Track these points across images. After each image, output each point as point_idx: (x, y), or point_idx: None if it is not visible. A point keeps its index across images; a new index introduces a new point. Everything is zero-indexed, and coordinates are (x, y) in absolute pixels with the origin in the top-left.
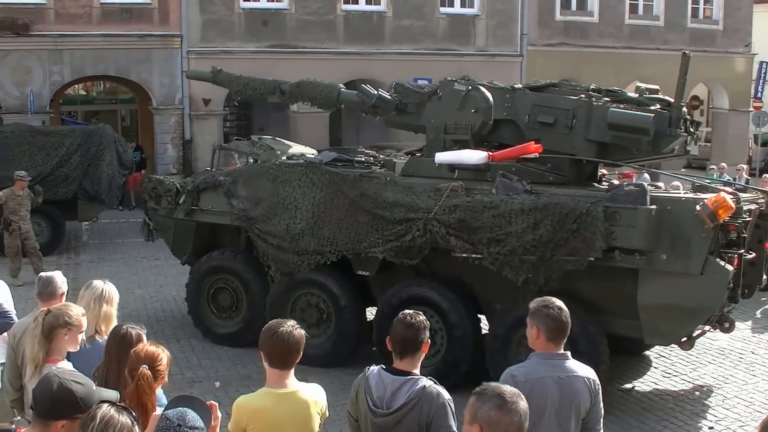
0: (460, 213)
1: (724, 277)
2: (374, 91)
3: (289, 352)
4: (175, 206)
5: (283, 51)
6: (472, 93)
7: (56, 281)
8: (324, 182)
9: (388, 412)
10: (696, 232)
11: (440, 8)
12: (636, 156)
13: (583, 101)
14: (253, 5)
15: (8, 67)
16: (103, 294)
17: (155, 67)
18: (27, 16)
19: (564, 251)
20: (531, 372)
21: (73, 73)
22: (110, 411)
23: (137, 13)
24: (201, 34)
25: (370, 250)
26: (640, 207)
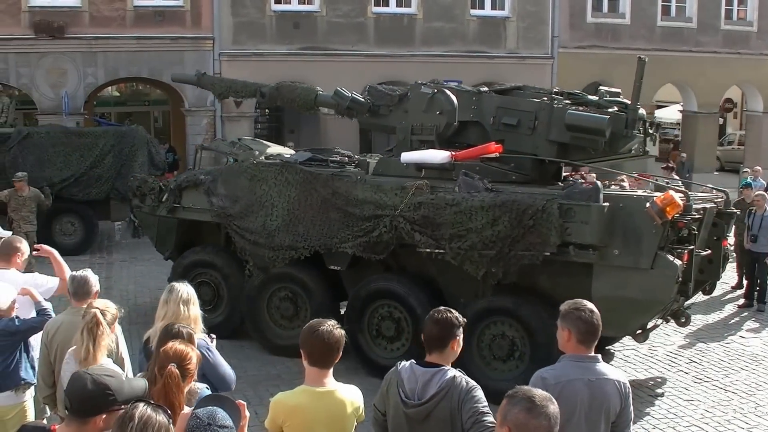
0: (424, 210)
1: (673, 271)
2: (348, 94)
3: (329, 351)
4: (158, 204)
5: (313, 53)
6: (437, 96)
7: (90, 281)
8: (298, 181)
9: (419, 403)
10: (646, 229)
11: (471, 10)
12: (594, 156)
13: (545, 103)
14: (285, 8)
15: (44, 68)
16: (188, 297)
17: (187, 69)
18: (62, 19)
19: (521, 246)
20: (561, 374)
21: (107, 74)
22: (147, 410)
23: (170, 15)
24: (233, 36)
25: (340, 245)
26: (593, 204)
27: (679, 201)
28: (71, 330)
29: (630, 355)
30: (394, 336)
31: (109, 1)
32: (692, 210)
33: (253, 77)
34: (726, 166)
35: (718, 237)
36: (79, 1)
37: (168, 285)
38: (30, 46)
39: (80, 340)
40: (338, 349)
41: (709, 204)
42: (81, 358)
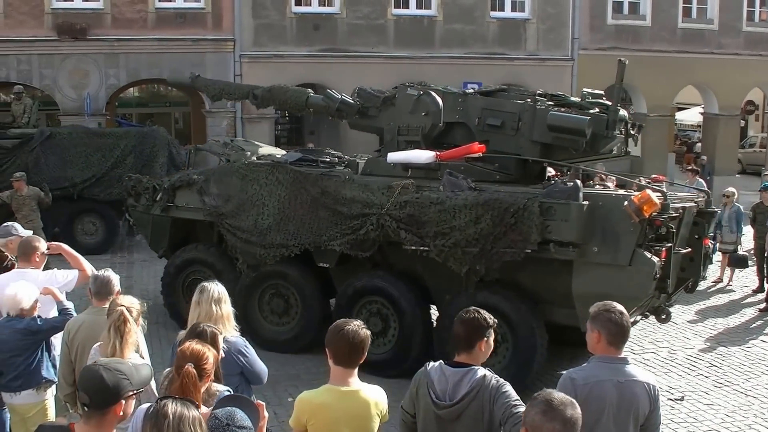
0: (409, 208)
1: (650, 268)
2: (338, 96)
3: (354, 351)
4: (152, 203)
5: (334, 55)
6: (423, 97)
7: (112, 280)
8: (288, 180)
9: (451, 404)
10: (624, 226)
11: (491, 12)
12: (576, 156)
13: (528, 105)
14: (305, 9)
15: (66, 70)
16: (219, 296)
17: (208, 70)
18: (85, 21)
19: (503, 243)
20: (590, 375)
21: (128, 76)
22: (178, 406)
23: (191, 17)
24: (253, 38)
25: (329, 243)
26: (572, 202)
27: (656, 200)
28: (92, 329)
29: (650, 359)
30: (381, 331)
31: (131, 3)
32: (670, 208)
33: (273, 79)
34: (747, 169)
35: (699, 236)
36: (102, 3)
37: (198, 286)
38: (53, 48)
39: (107, 338)
40: (363, 350)
41: (688, 203)
42: (108, 355)
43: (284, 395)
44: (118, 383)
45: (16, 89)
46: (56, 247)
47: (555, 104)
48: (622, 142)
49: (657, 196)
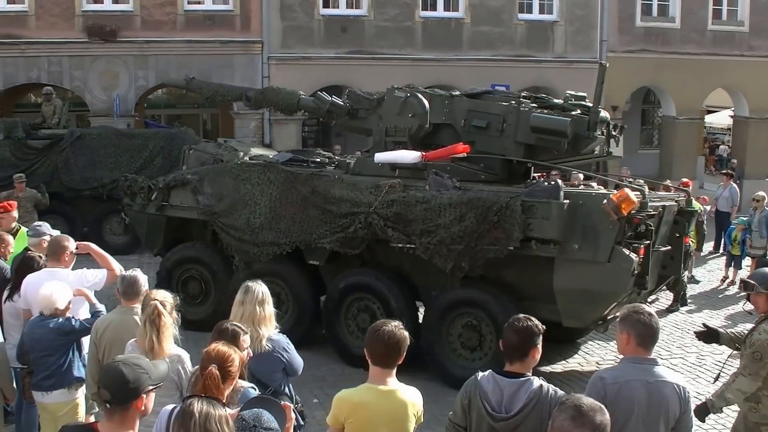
0: (396, 207)
1: (628, 264)
2: (329, 98)
3: (391, 351)
4: (148, 202)
5: (361, 57)
6: (410, 99)
7: (140, 280)
8: (280, 180)
9: (509, 416)
10: (603, 224)
11: (518, 14)
12: (558, 156)
13: (512, 107)
14: (333, 12)
15: (96, 71)
16: (263, 297)
17: (237, 72)
18: (115, 23)
19: (486, 241)
20: (620, 375)
21: (157, 77)
22: (204, 405)
23: (220, 19)
24: (281, 40)
25: (319, 241)
26: (553, 201)
27: (634, 198)
28: (120, 328)
29: (677, 364)
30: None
31: (160, 6)
32: (648, 207)
33: (301, 81)
34: None
35: (679, 234)
36: (131, 5)
37: (243, 285)
38: (83, 50)
39: (144, 332)
40: (399, 350)
41: (668, 202)
42: (146, 350)
43: (309, 396)
44: (138, 378)
45: (47, 90)
46: (85, 246)
47: (538, 106)
48: (603, 142)
49: (635, 195)
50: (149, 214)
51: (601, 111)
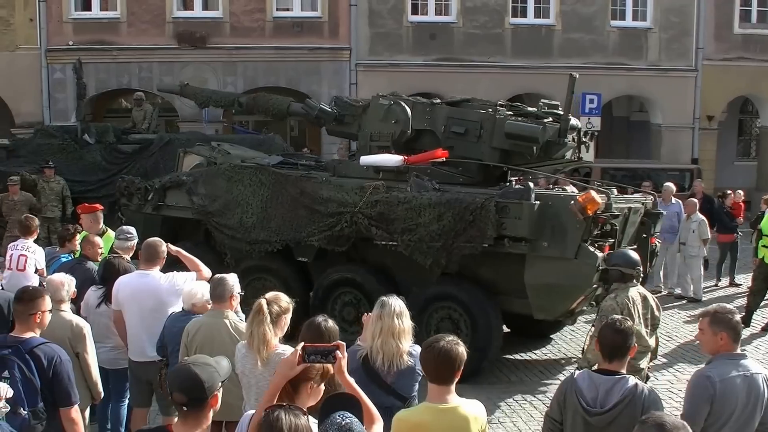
0: (379, 207)
1: (593, 261)
2: (317, 105)
3: (448, 368)
4: (144, 203)
5: (450, 64)
6: (393, 107)
7: (229, 283)
8: (270, 182)
9: (603, 411)
10: (570, 223)
11: (611, 21)
12: (531, 161)
13: (489, 114)
14: (421, 19)
15: (186, 77)
16: (400, 310)
17: (324, 79)
18: (204, 30)
19: (463, 239)
20: (722, 372)
21: (246, 84)
22: (290, 417)
23: (308, 26)
24: (369, 47)
25: (307, 239)
26: (524, 202)
27: (599, 199)
28: (210, 331)
29: None
30: (354, 320)
31: (249, 13)
32: (612, 208)
33: (389, 88)
34: None
35: (645, 234)
36: (221, 12)
37: (379, 300)
38: (173, 56)
39: (248, 331)
40: (454, 366)
41: (634, 204)
42: (253, 349)
43: None
44: (211, 376)
45: (137, 96)
46: (174, 251)
47: (513, 114)
48: (574, 148)
49: (600, 197)
50: (146, 213)
51: (572, 119)
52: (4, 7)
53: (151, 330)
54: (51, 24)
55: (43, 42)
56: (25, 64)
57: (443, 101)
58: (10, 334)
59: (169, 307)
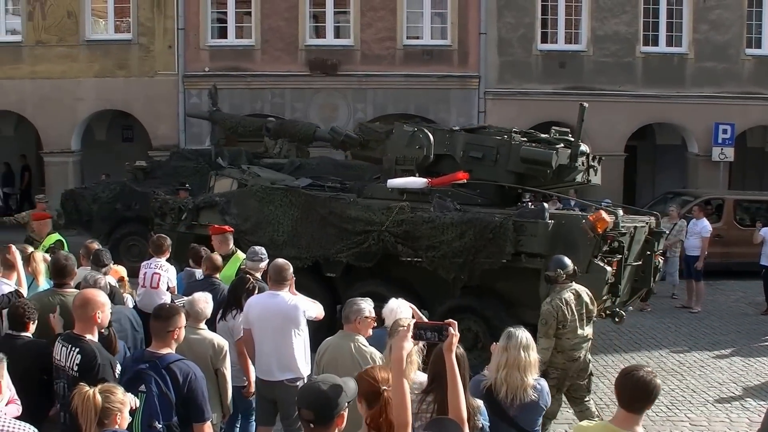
0: (405, 226)
1: (603, 275)
2: (343, 131)
3: (642, 397)
4: (178, 222)
5: (579, 93)
6: (416, 133)
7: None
8: (300, 202)
9: None
10: (582, 240)
11: (746, 49)
12: (544, 183)
13: (505, 140)
14: (551, 47)
15: (317, 104)
16: (527, 342)
17: (453, 107)
18: (336, 57)
19: (483, 255)
20: None
21: (375, 110)
22: None
23: (438, 54)
24: (498, 75)
25: (336, 255)
26: (540, 221)
27: (608, 219)
28: (336, 352)
29: None
30: None
31: (380, 41)
32: (620, 227)
33: (518, 116)
34: None
35: (650, 251)
36: (352, 40)
37: (505, 331)
38: (305, 83)
39: (387, 356)
40: (651, 397)
41: (640, 223)
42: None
43: None
44: (339, 395)
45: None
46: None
47: (527, 140)
48: (584, 172)
49: (609, 216)
50: (179, 232)
51: (582, 144)
52: (144, 35)
53: (278, 350)
54: (188, 51)
55: (180, 68)
56: (163, 89)
57: (461, 128)
58: (147, 350)
59: (295, 328)
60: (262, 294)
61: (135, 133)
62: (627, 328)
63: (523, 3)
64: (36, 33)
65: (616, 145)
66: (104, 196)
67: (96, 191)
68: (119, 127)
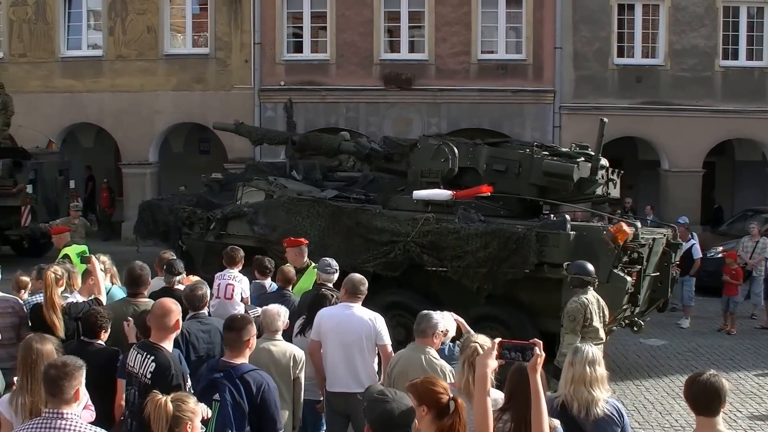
0: (430, 237)
1: (623, 284)
2: (368, 144)
3: (715, 398)
4: (206, 231)
5: (656, 108)
6: (441, 147)
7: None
8: (327, 213)
9: None
10: (603, 251)
11: None
12: (566, 196)
13: (527, 154)
14: (627, 61)
15: (391, 118)
16: (594, 357)
17: (527, 121)
18: (410, 72)
19: (506, 265)
20: None
21: (449, 125)
22: None
23: (512, 68)
24: (574, 90)
25: (363, 265)
26: (562, 232)
27: (628, 230)
28: (407, 363)
29: None
30: (404, 340)
31: (454, 55)
32: (639, 238)
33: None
34: None
35: (667, 263)
36: (427, 54)
37: (573, 347)
38: (379, 97)
39: (461, 372)
40: (722, 396)
41: (658, 235)
42: (461, 389)
43: None
44: (404, 413)
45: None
46: None
47: (549, 154)
48: (604, 185)
49: (629, 228)
50: (208, 241)
51: (601, 159)
52: (221, 49)
53: (350, 363)
54: (264, 65)
55: (256, 82)
56: (239, 102)
57: (484, 142)
58: (222, 359)
59: (368, 342)
60: (337, 306)
61: (211, 146)
62: (705, 349)
63: (599, 17)
64: (116, 47)
65: (694, 161)
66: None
67: (173, 202)
68: (196, 140)
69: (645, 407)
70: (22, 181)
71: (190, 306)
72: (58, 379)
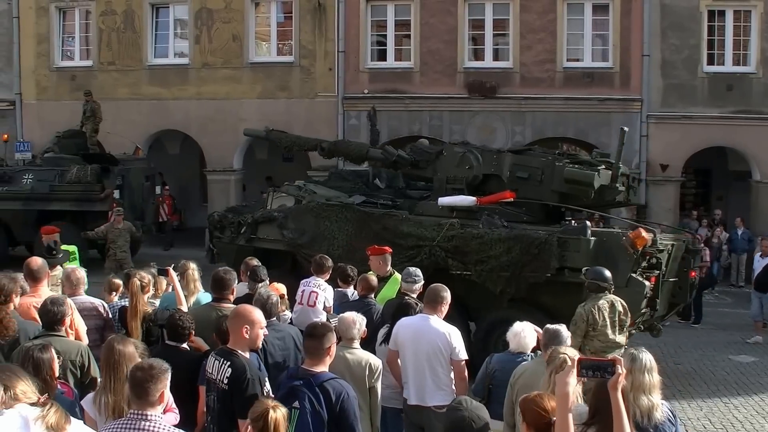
0: (455, 241)
1: (642, 289)
2: (395, 151)
3: None
4: (237, 235)
5: (747, 117)
6: (466, 154)
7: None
8: (355, 218)
9: None
10: (622, 256)
11: None
12: (587, 203)
13: (549, 161)
14: (717, 69)
15: (475, 126)
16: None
17: (614, 130)
18: (494, 80)
19: (529, 269)
20: None
21: (534, 133)
22: None
23: (599, 77)
24: (662, 98)
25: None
26: (582, 237)
27: (647, 236)
28: (532, 377)
29: None
30: None
31: (539, 63)
32: (658, 244)
33: (682, 140)
34: None
35: (686, 268)
36: (511, 62)
37: (628, 353)
38: (463, 105)
39: (546, 384)
40: None
41: (677, 241)
42: None
43: None
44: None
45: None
46: None
47: (570, 161)
48: (624, 192)
49: (648, 234)
50: (239, 245)
51: (622, 166)
52: (306, 57)
53: (427, 374)
54: (348, 73)
55: (340, 90)
56: (323, 110)
57: (508, 149)
58: (302, 367)
59: (444, 354)
60: (414, 317)
61: (295, 153)
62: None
63: (689, 24)
64: (202, 56)
65: None
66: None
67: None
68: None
69: (733, 425)
70: (110, 186)
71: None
72: (144, 382)
